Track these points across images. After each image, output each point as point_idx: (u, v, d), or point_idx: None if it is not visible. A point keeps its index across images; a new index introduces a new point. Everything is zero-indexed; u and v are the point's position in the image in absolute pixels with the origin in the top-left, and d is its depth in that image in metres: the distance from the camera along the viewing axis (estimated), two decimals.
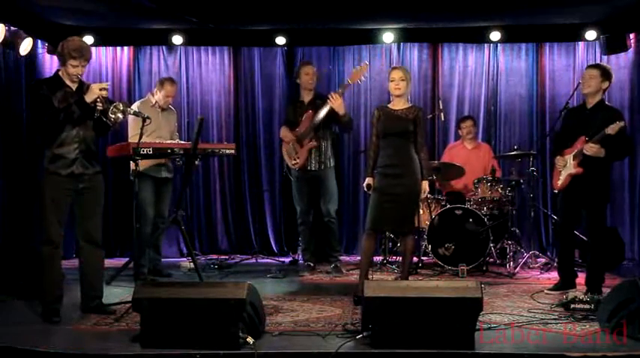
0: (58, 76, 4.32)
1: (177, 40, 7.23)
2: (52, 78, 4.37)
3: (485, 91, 7.46)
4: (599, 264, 5.01)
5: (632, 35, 6.78)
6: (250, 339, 3.52)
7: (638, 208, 6.80)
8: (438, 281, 5.46)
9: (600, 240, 5.03)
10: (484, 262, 6.15)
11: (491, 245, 6.10)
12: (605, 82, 5.00)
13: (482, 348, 3.57)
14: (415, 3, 6.27)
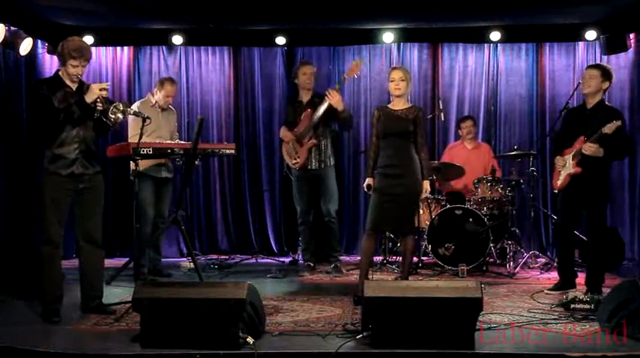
0: (58, 76, 4.31)
1: (177, 40, 7.23)
2: (52, 78, 4.37)
3: (485, 91, 7.46)
4: (599, 264, 5.01)
5: (632, 35, 6.77)
6: (250, 339, 3.52)
7: (638, 208, 6.79)
8: (438, 281, 5.46)
9: (600, 240, 5.03)
10: (484, 262, 6.15)
11: (491, 245, 6.10)
12: (606, 82, 4.99)
13: (482, 348, 3.56)
14: (415, 3, 6.27)
